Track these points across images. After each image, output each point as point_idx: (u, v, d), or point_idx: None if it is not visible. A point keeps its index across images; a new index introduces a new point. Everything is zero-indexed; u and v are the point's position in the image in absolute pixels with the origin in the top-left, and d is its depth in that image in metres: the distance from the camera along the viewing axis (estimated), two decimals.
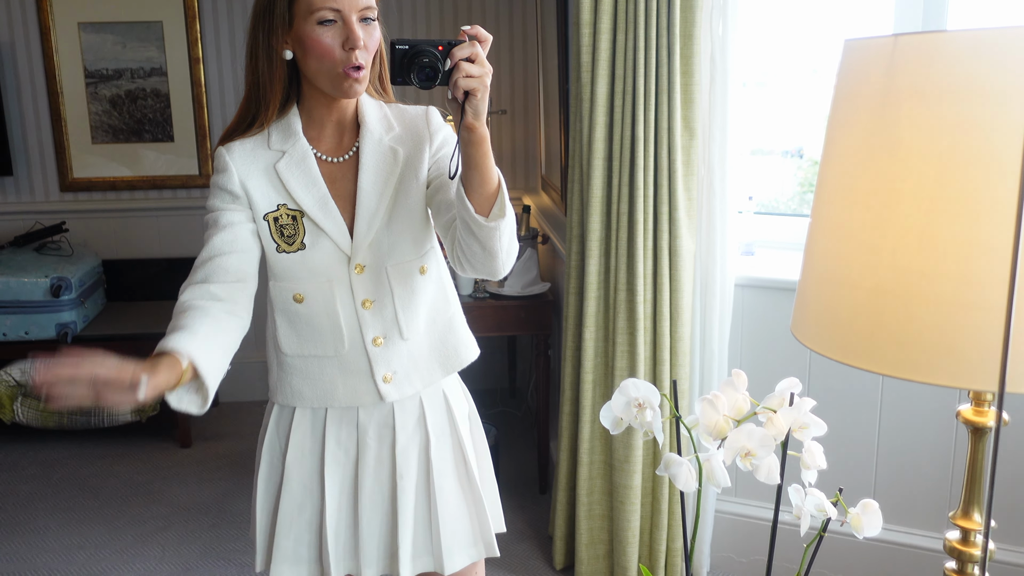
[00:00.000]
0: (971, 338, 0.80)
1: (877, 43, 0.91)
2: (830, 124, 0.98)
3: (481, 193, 1.41)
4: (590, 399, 2.54)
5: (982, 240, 0.79)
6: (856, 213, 0.90)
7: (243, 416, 4.10)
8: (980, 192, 0.79)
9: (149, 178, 4.13)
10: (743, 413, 1.12)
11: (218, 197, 1.54)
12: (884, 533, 2.46)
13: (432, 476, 1.65)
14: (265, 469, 1.66)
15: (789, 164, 3.04)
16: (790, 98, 2.95)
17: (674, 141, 2.33)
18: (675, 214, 2.37)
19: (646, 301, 2.42)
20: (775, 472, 1.12)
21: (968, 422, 1.00)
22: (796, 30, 2.78)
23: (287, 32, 1.46)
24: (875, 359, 0.88)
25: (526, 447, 3.65)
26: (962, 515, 1.04)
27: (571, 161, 2.55)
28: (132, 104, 4.05)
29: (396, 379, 1.60)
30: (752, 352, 2.57)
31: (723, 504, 2.66)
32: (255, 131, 1.54)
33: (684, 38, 2.31)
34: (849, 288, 0.90)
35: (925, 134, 0.83)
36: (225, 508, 3.25)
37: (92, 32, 3.97)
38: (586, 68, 2.41)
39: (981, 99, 0.80)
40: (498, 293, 3.15)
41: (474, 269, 1.50)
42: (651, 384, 1.11)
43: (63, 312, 3.65)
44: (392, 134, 1.58)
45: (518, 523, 3.05)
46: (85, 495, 3.38)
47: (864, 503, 1.13)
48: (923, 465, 2.41)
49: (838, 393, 2.46)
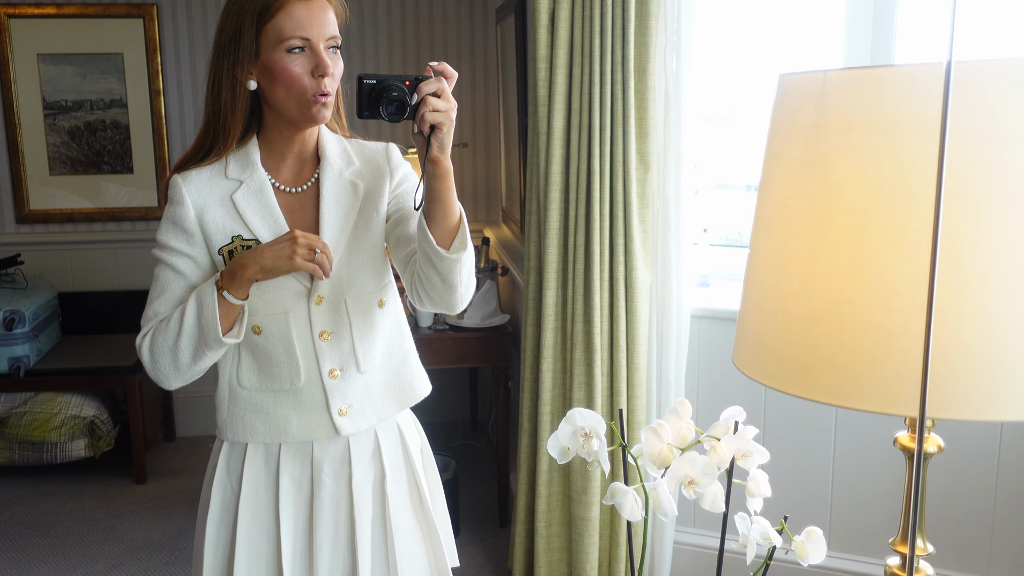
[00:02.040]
0: (898, 365, 0.82)
1: (809, 78, 0.94)
2: (766, 156, 1.01)
3: (443, 226, 1.42)
4: (548, 430, 2.54)
5: (905, 269, 0.81)
6: (790, 243, 0.92)
7: (199, 451, 4.04)
8: (901, 223, 0.82)
9: (108, 210, 4.09)
10: (687, 441, 1.13)
11: (170, 233, 1.52)
12: (836, 560, 2.47)
13: (388, 510, 1.63)
14: (216, 511, 1.61)
15: (751, 198, 3.08)
16: (754, 134, 3.01)
17: (629, 174, 2.36)
18: (631, 246, 2.39)
19: (603, 332, 2.44)
20: (720, 500, 1.13)
21: (904, 448, 1.02)
22: (760, 67, 2.84)
23: (253, 62, 1.46)
24: (810, 386, 0.89)
25: (487, 480, 3.64)
26: (901, 540, 1.06)
27: (528, 193, 2.57)
28: (91, 136, 4.03)
29: (351, 412, 1.59)
30: (708, 382, 2.59)
31: (681, 535, 2.67)
32: (212, 159, 1.53)
33: (638, 73, 2.35)
34: (784, 317, 0.92)
35: (852, 167, 0.86)
36: (180, 546, 3.19)
37: (51, 63, 3.95)
38: (543, 102, 2.44)
39: (902, 133, 0.82)
40: (458, 325, 3.15)
41: (432, 303, 1.51)
42: (597, 413, 1.12)
43: (16, 346, 3.59)
44: (352, 168, 1.58)
45: (478, 557, 3.02)
46: (35, 533, 3.30)
47: (808, 531, 1.14)
48: (875, 492, 2.43)
49: (793, 422, 2.48)
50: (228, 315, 1.47)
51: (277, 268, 1.46)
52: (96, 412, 3.71)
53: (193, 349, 1.48)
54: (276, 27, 1.43)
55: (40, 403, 3.67)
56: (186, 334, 1.46)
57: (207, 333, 1.46)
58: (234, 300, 1.46)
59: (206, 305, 1.45)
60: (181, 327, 1.46)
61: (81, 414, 3.67)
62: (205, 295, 1.46)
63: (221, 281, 1.47)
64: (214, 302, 1.45)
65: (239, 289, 1.46)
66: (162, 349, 1.48)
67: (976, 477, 2.30)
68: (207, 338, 1.46)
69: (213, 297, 1.45)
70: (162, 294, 1.52)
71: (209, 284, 1.47)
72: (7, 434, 3.62)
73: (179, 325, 1.47)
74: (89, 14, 3.93)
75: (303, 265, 1.45)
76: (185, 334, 1.46)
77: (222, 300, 1.46)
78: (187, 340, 1.47)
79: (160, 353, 1.49)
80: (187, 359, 1.49)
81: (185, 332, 1.46)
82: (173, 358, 1.48)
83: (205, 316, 1.45)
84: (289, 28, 1.43)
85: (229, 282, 1.46)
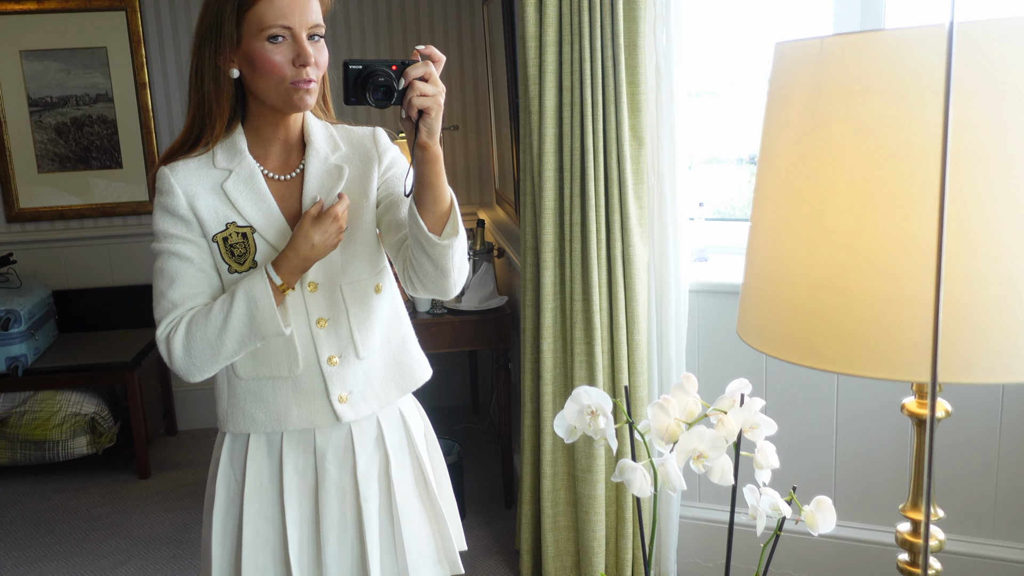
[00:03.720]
0: (905, 331, 0.81)
1: (806, 45, 0.92)
2: (765, 126, 1.00)
3: (434, 212, 1.41)
4: (551, 411, 2.54)
5: (911, 234, 0.81)
6: (792, 212, 0.91)
7: (202, 444, 4.03)
8: (906, 188, 0.81)
9: (98, 206, 4.06)
10: (694, 416, 1.13)
11: (167, 220, 1.50)
12: (843, 530, 2.49)
13: (394, 496, 1.63)
14: (222, 504, 1.61)
15: (744, 171, 3.08)
16: (743, 107, 3.00)
17: (623, 150, 2.35)
18: (627, 223, 2.38)
19: (602, 310, 2.43)
20: (728, 473, 1.13)
21: (912, 414, 1.02)
22: (748, 40, 2.82)
23: (235, 51, 1.44)
24: (816, 355, 0.89)
25: (491, 462, 3.64)
26: (911, 507, 1.06)
27: (522, 173, 2.56)
28: (78, 131, 4.00)
29: (352, 399, 1.58)
30: (709, 356, 2.59)
31: (687, 509, 2.67)
32: (200, 150, 1.51)
33: (628, 48, 2.33)
34: (788, 286, 0.92)
35: (853, 133, 0.85)
36: (186, 539, 3.19)
37: (35, 60, 3.92)
38: (533, 81, 2.42)
39: (903, 97, 0.81)
40: (456, 308, 3.14)
41: (425, 288, 1.50)
42: (603, 391, 1.12)
43: (13, 345, 3.58)
44: (338, 153, 1.57)
45: (485, 538, 3.03)
46: (41, 532, 3.30)
47: (817, 500, 1.14)
48: (880, 461, 2.44)
49: (794, 393, 2.49)
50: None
51: (329, 249, 1.49)
52: (96, 409, 3.71)
53: (239, 343, 1.46)
54: (257, 15, 1.41)
55: (40, 402, 3.66)
56: (233, 329, 1.45)
57: (264, 328, 1.45)
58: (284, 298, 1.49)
59: (261, 299, 1.44)
60: (227, 321, 1.44)
61: (81, 411, 3.66)
62: (258, 291, 1.45)
63: (279, 273, 1.46)
64: (270, 296, 1.44)
65: (295, 279, 1.48)
66: (202, 345, 1.46)
67: (978, 440, 2.31)
68: (263, 331, 1.46)
69: (269, 292, 1.44)
70: (173, 283, 1.49)
71: (259, 278, 1.45)
72: (8, 434, 3.61)
73: (223, 319, 1.45)
74: (70, 8, 3.89)
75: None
76: (232, 329, 1.45)
77: (277, 293, 1.46)
78: (233, 335, 1.45)
79: (200, 347, 1.46)
80: (229, 352, 1.47)
81: (232, 327, 1.45)
82: (214, 352, 1.46)
83: (261, 311, 1.44)
84: (270, 17, 1.41)
85: (288, 275, 1.47)
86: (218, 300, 1.47)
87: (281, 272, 1.46)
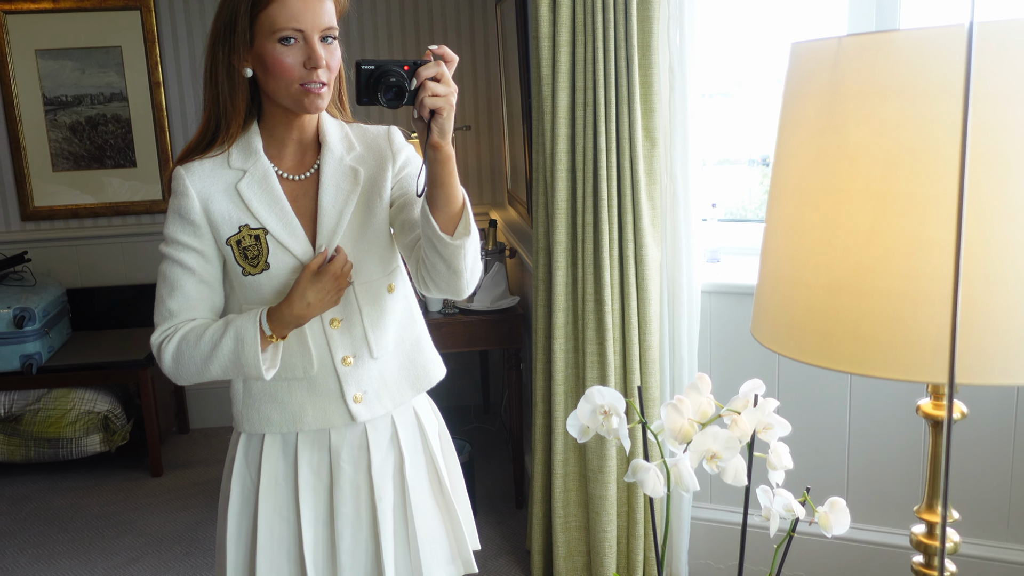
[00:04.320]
0: (922, 332, 0.81)
1: (823, 45, 0.92)
2: (781, 126, 0.99)
3: (446, 212, 1.41)
4: (562, 411, 2.54)
5: (928, 235, 0.81)
6: (808, 212, 0.91)
7: (214, 443, 4.05)
8: (924, 188, 0.81)
9: (112, 204, 4.09)
10: (708, 416, 1.13)
11: (177, 226, 1.51)
12: (856, 532, 2.48)
13: (408, 495, 1.63)
14: (237, 502, 1.62)
15: (755, 172, 3.07)
16: (755, 108, 2.99)
17: (636, 151, 2.34)
18: (639, 223, 2.38)
19: (614, 311, 2.43)
20: (742, 474, 1.12)
21: (928, 416, 1.01)
22: (759, 41, 2.81)
23: (248, 50, 1.45)
24: (831, 356, 0.89)
25: (502, 462, 3.64)
26: (926, 508, 1.05)
27: (535, 174, 2.56)
28: (93, 130, 4.02)
29: (367, 399, 1.58)
30: (721, 357, 2.59)
31: (699, 511, 2.67)
32: (215, 150, 1.52)
33: (642, 48, 2.33)
34: (804, 287, 0.91)
35: (870, 133, 0.84)
36: (198, 537, 3.20)
37: (50, 58, 3.94)
38: (547, 81, 2.42)
39: (921, 97, 0.81)
40: (468, 308, 3.14)
41: (438, 288, 1.50)
42: (616, 391, 1.12)
43: (27, 343, 3.60)
44: (353, 153, 1.57)
45: (496, 538, 3.03)
46: (55, 529, 3.32)
47: (831, 501, 1.14)
48: (893, 462, 2.43)
49: (807, 394, 2.48)
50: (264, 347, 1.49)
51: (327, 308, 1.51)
52: (110, 407, 3.73)
53: (223, 372, 1.50)
54: (270, 17, 1.41)
55: (53, 400, 3.68)
56: (218, 361, 1.48)
57: (247, 369, 1.48)
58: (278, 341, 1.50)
59: (247, 345, 1.46)
60: (214, 352, 1.48)
61: (95, 409, 3.68)
62: (247, 336, 1.47)
63: (271, 325, 1.47)
64: (256, 344, 1.46)
65: (285, 330, 1.50)
66: (189, 364, 1.50)
67: (992, 442, 2.29)
68: (246, 372, 1.49)
69: (255, 340, 1.46)
70: (173, 292, 1.51)
71: (251, 323, 1.47)
72: (22, 431, 3.64)
73: (211, 349, 1.48)
74: (86, 8, 3.91)
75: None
76: (218, 359, 1.48)
77: (264, 340, 1.47)
78: (218, 365, 1.49)
79: (187, 366, 1.50)
80: (214, 376, 1.52)
81: (218, 358, 1.48)
82: (199, 373, 1.51)
83: (246, 355, 1.47)
84: (282, 19, 1.41)
85: (280, 329, 1.48)
86: (211, 328, 1.49)
87: (273, 324, 1.48)
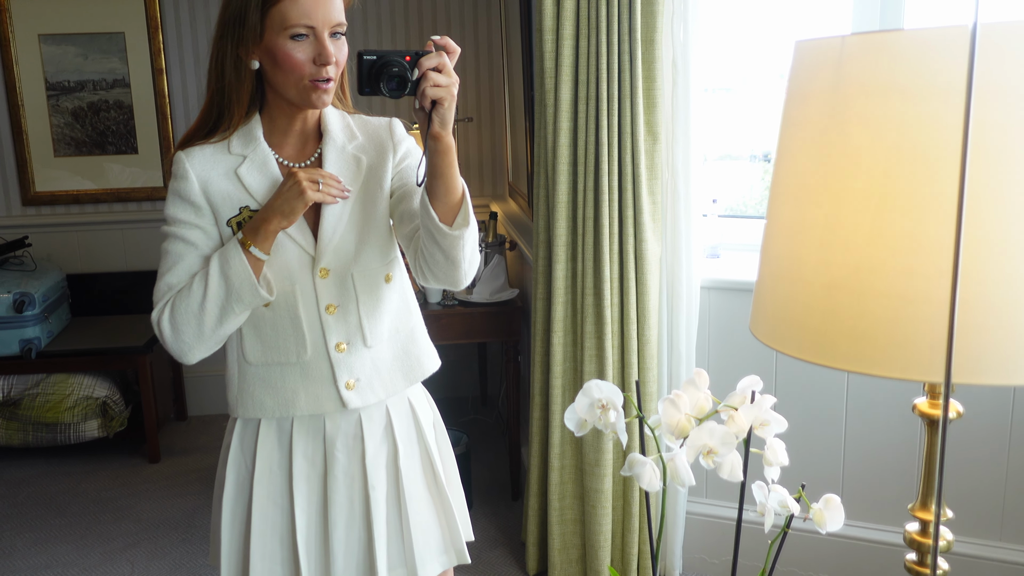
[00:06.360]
0: (920, 331, 0.82)
1: (826, 43, 0.92)
2: (783, 124, 1.00)
3: (446, 202, 1.42)
4: (559, 404, 2.54)
5: (927, 235, 0.81)
6: (808, 210, 0.91)
7: (212, 430, 4.06)
8: (923, 188, 0.81)
9: (113, 191, 4.08)
10: (705, 412, 1.13)
11: (178, 206, 1.52)
12: (851, 529, 2.49)
13: (402, 485, 1.64)
14: (232, 488, 1.63)
15: (756, 168, 3.07)
16: (757, 104, 2.99)
17: (637, 145, 2.34)
18: (640, 218, 2.38)
19: (613, 305, 2.43)
20: (738, 470, 1.13)
21: (924, 415, 1.02)
22: (762, 36, 2.81)
23: (256, 44, 1.45)
24: (830, 354, 0.89)
25: (498, 454, 3.65)
26: (920, 507, 1.06)
27: (536, 167, 2.56)
28: (95, 116, 4.01)
29: (359, 386, 1.59)
30: (719, 353, 2.59)
31: (694, 505, 2.68)
32: (216, 138, 1.53)
33: (645, 43, 2.32)
34: (803, 285, 0.92)
35: (872, 132, 0.85)
36: (195, 523, 3.21)
37: (53, 44, 3.93)
38: (549, 74, 2.42)
39: (923, 97, 0.81)
40: (467, 300, 3.15)
41: (436, 279, 1.51)
42: (614, 385, 1.12)
43: (27, 328, 3.60)
44: (355, 143, 1.58)
45: (491, 530, 3.04)
46: (52, 513, 3.33)
47: (826, 498, 1.14)
48: (889, 460, 2.44)
49: (805, 391, 2.49)
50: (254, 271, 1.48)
51: (295, 209, 1.45)
52: (108, 392, 3.73)
53: (220, 311, 1.47)
54: (281, 12, 1.41)
55: (52, 384, 3.69)
56: (212, 296, 1.45)
57: (240, 289, 1.45)
58: (260, 255, 1.47)
59: (233, 261, 1.45)
60: (206, 290, 1.45)
61: (93, 395, 3.69)
62: (230, 253, 1.46)
63: (245, 238, 1.46)
64: (242, 257, 1.45)
65: (264, 242, 1.47)
66: (185, 317, 1.47)
67: (988, 442, 2.30)
68: (239, 294, 1.46)
69: (239, 252, 1.45)
70: (174, 266, 1.51)
71: (231, 243, 1.47)
72: (21, 416, 3.64)
73: (203, 288, 1.46)
74: None
75: (316, 197, 1.45)
76: (211, 296, 1.45)
77: (248, 255, 1.46)
78: (213, 302, 1.46)
79: (183, 321, 1.47)
80: (212, 322, 1.47)
81: (211, 294, 1.45)
82: (198, 324, 1.47)
83: (234, 271, 1.45)
84: (294, 15, 1.41)
85: (253, 237, 1.46)
86: (197, 275, 1.49)
87: (247, 235, 1.47)
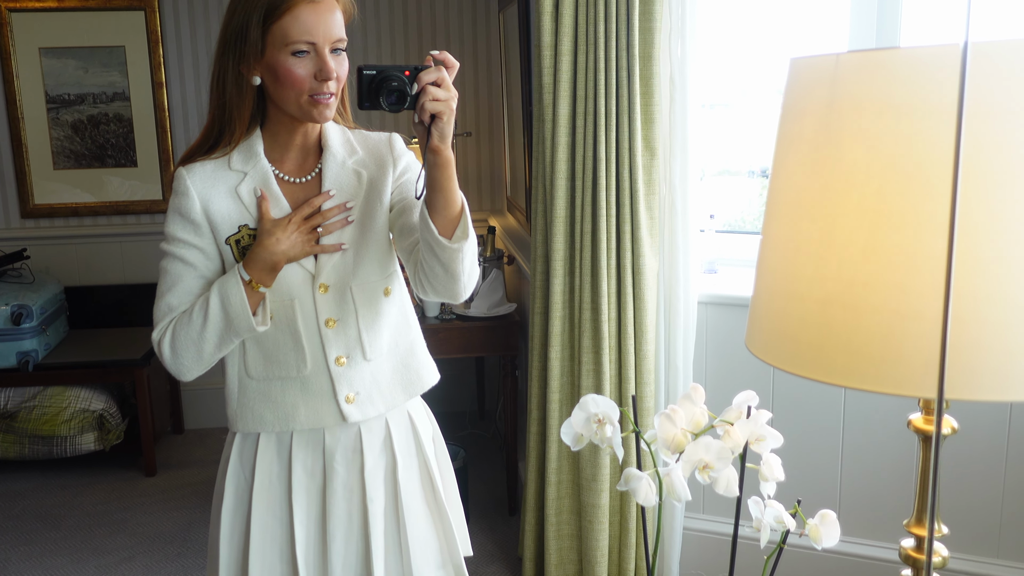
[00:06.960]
0: (914, 347, 0.82)
1: (821, 61, 0.93)
2: (778, 140, 1.00)
3: (445, 215, 1.43)
4: (557, 419, 2.54)
5: (920, 251, 0.81)
6: (803, 227, 0.92)
7: (209, 443, 4.05)
8: (917, 205, 0.82)
9: (112, 203, 4.09)
10: (701, 427, 1.14)
11: (178, 225, 1.53)
12: (847, 545, 2.48)
13: (400, 498, 1.64)
14: (230, 502, 1.63)
15: (755, 184, 3.08)
16: (756, 119, 3.01)
17: (635, 161, 2.35)
18: (637, 233, 2.39)
19: (610, 320, 2.44)
20: (734, 485, 1.13)
21: (919, 430, 1.02)
22: (760, 52, 2.82)
23: (258, 60, 1.46)
24: (824, 369, 0.89)
25: (495, 469, 3.64)
26: (916, 523, 1.06)
27: (535, 181, 2.57)
28: (94, 129, 4.03)
29: (359, 400, 1.59)
30: (716, 368, 2.59)
31: (691, 521, 2.67)
32: (218, 153, 1.54)
33: (643, 59, 2.34)
34: (798, 300, 0.92)
35: (866, 149, 0.85)
36: (191, 537, 3.20)
37: (53, 57, 3.95)
38: (548, 89, 2.44)
39: (917, 114, 0.82)
40: (464, 314, 3.15)
41: (436, 292, 1.52)
42: (611, 400, 1.12)
43: (24, 340, 3.60)
44: (355, 157, 1.59)
45: (488, 545, 3.03)
46: (47, 527, 3.31)
47: (822, 514, 1.14)
48: (885, 476, 2.44)
49: (801, 406, 2.49)
50: (252, 303, 1.49)
51: (302, 253, 1.51)
52: (105, 405, 3.73)
53: (218, 339, 1.50)
54: (282, 29, 1.42)
55: (49, 397, 3.68)
56: (212, 326, 1.48)
57: (237, 323, 1.48)
58: (264, 290, 1.50)
59: (232, 296, 1.47)
60: (206, 319, 1.48)
61: (90, 408, 3.68)
62: (230, 287, 1.47)
63: (247, 270, 1.48)
64: (241, 292, 1.47)
65: (268, 277, 1.50)
66: (185, 344, 1.49)
67: (985, 458, 2.30)
68: (237, 328, 1.48)
69: (239, 288, 1.47)
70: (173, 287, 1.52)
71: (231, 275, 1.48)
72: (17, 428, 3.63)
73: (203, 318, 1.48)
74: (90, 7, 3.92)
75: (320, 248, 1.51)
76: (211, 326, 1.48)
77: (248, 289, 1.47)
78: (212, 331, 1.48)
79: (183, 347, 1.50)
80: (211, 349, 1.51)
81: (211, 324, 1.48)
82: (197, 351, 1.50)
83: (233, 307, 1.47)
84: (295, 32, 1.42)
85: (256, 271, 1.48)
86: (197, 302, 1.51)
87: (249, 267, 1.48)
